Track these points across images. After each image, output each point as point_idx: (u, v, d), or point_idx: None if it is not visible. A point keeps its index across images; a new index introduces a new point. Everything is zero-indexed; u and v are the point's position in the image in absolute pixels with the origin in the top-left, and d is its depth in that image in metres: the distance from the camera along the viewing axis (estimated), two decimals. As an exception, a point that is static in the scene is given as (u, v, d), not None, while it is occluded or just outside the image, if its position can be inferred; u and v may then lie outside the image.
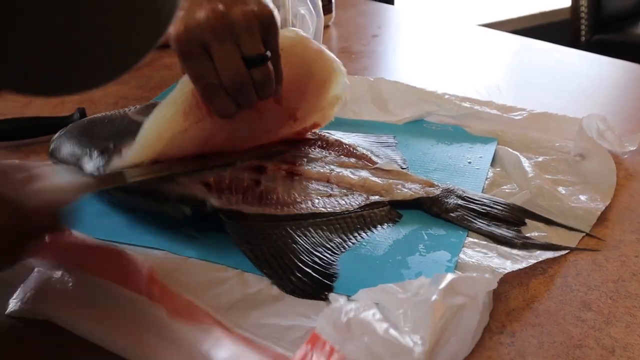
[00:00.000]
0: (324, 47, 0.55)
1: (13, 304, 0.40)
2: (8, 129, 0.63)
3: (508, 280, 0.43)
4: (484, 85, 0.78)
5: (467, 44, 1.03)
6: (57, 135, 0.57)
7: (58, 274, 0.42)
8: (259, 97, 0.48)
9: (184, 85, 0.49)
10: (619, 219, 0.50)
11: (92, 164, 0.51)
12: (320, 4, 0.82)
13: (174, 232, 0.47)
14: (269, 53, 0.47)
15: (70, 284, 0.41)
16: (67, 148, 0.54)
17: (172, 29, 0.46)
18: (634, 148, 0.59)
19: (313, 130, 0.59)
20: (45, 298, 0.40)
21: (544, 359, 0.36)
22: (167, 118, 0.49)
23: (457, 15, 2.40)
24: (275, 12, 0.46)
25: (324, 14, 0.88)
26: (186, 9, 0.45)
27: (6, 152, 0.60)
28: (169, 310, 0.38)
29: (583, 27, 2.26)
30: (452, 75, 0.86)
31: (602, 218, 0.50)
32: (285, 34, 0.50)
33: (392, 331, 0.33)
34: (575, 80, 0.83)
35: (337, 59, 0.56)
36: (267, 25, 0.46)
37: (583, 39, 2.26)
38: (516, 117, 0.64)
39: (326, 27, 1.06)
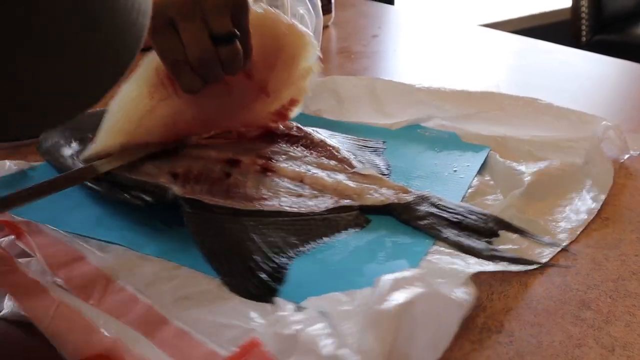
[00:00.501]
0: (295, 22, 0.55)
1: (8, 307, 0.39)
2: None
3: (506, 280, 0.43)
4: (485, 85, 0.78)
5: (468, 44, 1.03)
6: (42, 135, 0.58)
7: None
8: (226, 74, 0.48)
9: (147, 65, 0.50)
10: (619, 218, 0.50)
11: (69, 153, 0.53)
12: (319, 4, 0.82)
13: (139, 227, 0.47)
14: (238, 32, 0.47)
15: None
16: (51, 140, 0.56)
17: None
18: (637, 153, 0.59)
19: (292, 107, 0.59)
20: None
21: (543, 358, 0.36)
22: (132, 98, 0.49)
23: (457, 15, 2.40)
24: None
25: (324, 14, 0.88)
26: None
27: (5, 153, 0.60)
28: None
29: (584, 27, 2.26)
30: (453, 76, 0.86)
31: (602, 217, 0.50)
32: (255, 10, 0.51)
33: (339, 352, 0.31)
34: (576, 80, 0.83)
35: (309, 32, 0.56)
36: (238, 4, 0.46)
37: (584, 39, 2.25)
38: (518, 113, 0.63)
39: (326, 27, 1.06)
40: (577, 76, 0.85)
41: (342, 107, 0.71)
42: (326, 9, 1.04)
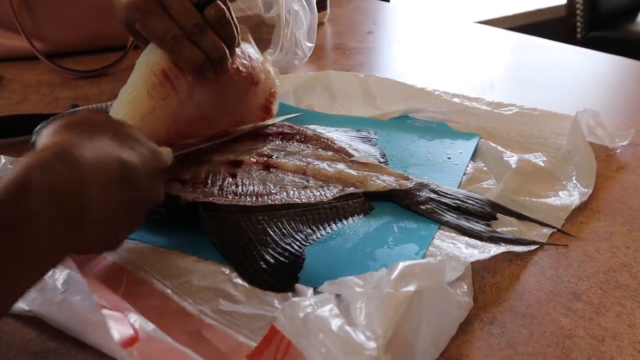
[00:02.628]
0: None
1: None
2: (2, 126, 0.63)
3: (499, 272, 0.43)
4: (479, 81, 0.78)
5: (463, 40, 1.03)
6: (39, 127, 0.58)
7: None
8: (223, 40, 0.51)
9: (141, 66, 0.51)
10: (610, 211, 0.50)
11: None
12: (314, 0, 0.82)
13: (148, 222, 0.46)
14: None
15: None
16: None
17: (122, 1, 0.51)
18: (625, 143, 0.60)
19: (273, 99, 0.61)
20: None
21: (534, 348, 0.37)
22: (131, 99, 0.50)
23: (452, 12, 2.40)
24: None
25: (319, 11, 0.88)
26: None
27: (0, 149, 0.61)
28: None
29: (579, 23, 2.27)
30: (447, 72, 0.86)
31: (594, 210, 0.50)
32: None
33: (346, 328, 0.32)
34: (571, 76, 0.83)
35: None
36: None
37: (579, 35, 2.26)
38: (506, 113, 0.64)
39: (321, 24, 1.06)
40: (572, 72, 0.85)
41: (334, 102, 0.71)
42: (321, 5, 1.04)
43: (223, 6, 0.51)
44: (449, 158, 0.58)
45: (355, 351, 0.31)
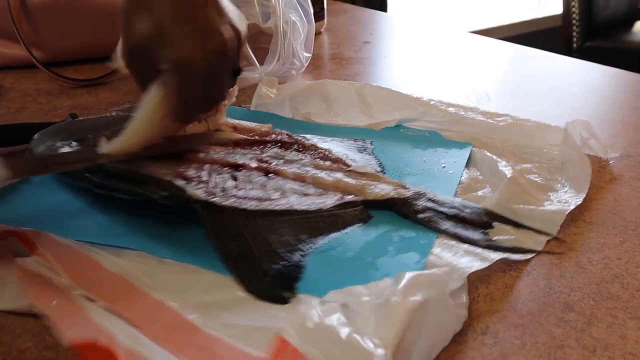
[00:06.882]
0: None
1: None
2: (0, 135, 0.63)
3: (492, 282, 0.43)
4: (474, 92, 0.79)
5: (459, 50, 1.04)
6: (36, 135, 0.58)
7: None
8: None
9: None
10: (603, 222, 0.51)
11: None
12: (311, 10, 0.83)
13: (149, 232, 0.47)
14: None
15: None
16: (44, 143, 0.55)
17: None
18: (617, 155, 0.60)
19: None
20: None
21: (526, 359, 0.37)
22: (155, 102, 0.50)
23: (449, 22, 2.41)
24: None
25: (316, 21, 0.89)
26: None
27: (-2, 157, 0.61)
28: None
29: (575, 33, 2.28)
30: (443, 82, 0.87)
31: (587, 221, 0.51)
32: None
33: (354, 335, 0.33)
34: (565, 87, 0.84)
35: None
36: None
37: (575, 45, 2.28)
38: (500, 124, 0.65)
39: (318, 33, 1.07)
40: (567, 83, 0.86)
41: (330, 110, 0.72)
42: (318, 15, 1.05)
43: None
44: (443, 167, 0.59)
45: (365, 358, 0.32)
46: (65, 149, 0.54)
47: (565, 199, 0.52)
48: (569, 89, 0.83)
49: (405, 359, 0.34)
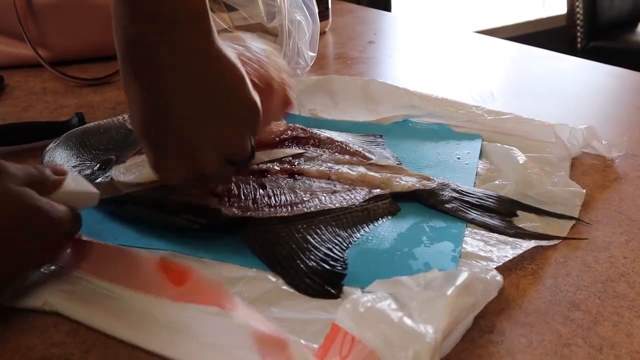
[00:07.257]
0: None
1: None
2: (7, 133, 0.64)
3: (498, 281, 0.44)
4: (479, 91, 0.79)
5: (463, 50, 1.04)
6: (50, 146, 0.58)
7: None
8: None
9: None
10: (608, 221, 0.51)
11: (91, 174, 0.52)
12: (316, 10, 0.83)
13: (182, 235, 0.47)
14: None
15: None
16: (63, 160, 0.55)
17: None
18: (621, 153, 0.60)
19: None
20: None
21: (533, 357, 0.37)
22: None
23: (453, 22, 2.41)
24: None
25: (321, 21, 0.89)
26: None
27: (5, 157, 0.61)
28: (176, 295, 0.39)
29: (579, 33, 2.28)
30: (447, 82, 0.87)
31: (593, 220, 0.51)
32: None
33: (406, 319, 0.34)
34: (569, 87, 0.84)
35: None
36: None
37: (579, 45, 2.28)
38: (505, 123, 0.65)
39: (323, 33, 1.07)
40: (571, 83, 0.86)
41: (336, 105, 0.72)
42: (323, 15, 1.05)
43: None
44: (458, 158, 0.59)
45: (417, 340, 0.33)
46: (86, 172, 0.52)
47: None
48: (573, 89, 0.83)
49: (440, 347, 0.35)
